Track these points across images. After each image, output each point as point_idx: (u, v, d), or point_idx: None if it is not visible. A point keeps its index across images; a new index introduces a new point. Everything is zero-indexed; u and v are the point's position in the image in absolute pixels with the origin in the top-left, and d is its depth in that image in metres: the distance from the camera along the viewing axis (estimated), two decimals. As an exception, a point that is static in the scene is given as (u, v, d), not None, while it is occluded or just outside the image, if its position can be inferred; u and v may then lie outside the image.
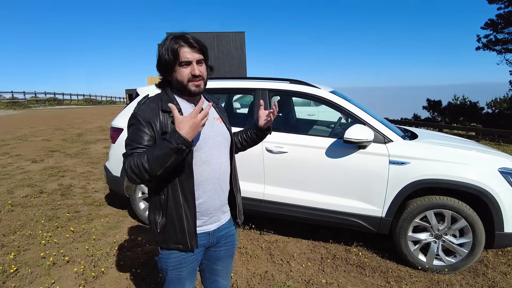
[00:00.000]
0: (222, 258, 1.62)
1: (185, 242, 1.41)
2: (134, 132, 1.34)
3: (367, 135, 2.79)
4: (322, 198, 3.09)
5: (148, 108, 1.36)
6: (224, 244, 1.60)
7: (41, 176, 5.75)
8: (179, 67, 1.36)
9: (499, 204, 2.65)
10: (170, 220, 1.40)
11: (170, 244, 1.43)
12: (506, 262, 3.09)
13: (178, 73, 1.36)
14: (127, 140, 1.36)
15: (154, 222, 1.44)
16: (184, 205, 1.38)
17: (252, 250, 3.23)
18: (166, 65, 1.37)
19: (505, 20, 18.85)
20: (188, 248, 1.42)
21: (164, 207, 1.40)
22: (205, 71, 1.43)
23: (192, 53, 1.35)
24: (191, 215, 1.40)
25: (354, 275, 2.87)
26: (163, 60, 1.36)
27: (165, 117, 1.35)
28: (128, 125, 1.39)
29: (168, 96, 1.41)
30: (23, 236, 3.44)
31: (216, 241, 1.55)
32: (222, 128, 1.51)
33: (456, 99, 21.02)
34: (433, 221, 2.84)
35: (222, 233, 1.56)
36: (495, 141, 10.30)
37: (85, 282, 2.67)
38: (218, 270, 1.64)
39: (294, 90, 3.32)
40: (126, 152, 1.34)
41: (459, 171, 2.73)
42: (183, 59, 1.34)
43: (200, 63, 1.39)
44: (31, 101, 26.23)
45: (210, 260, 1.61)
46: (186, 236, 1.40)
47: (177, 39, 1.35)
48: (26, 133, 10.78)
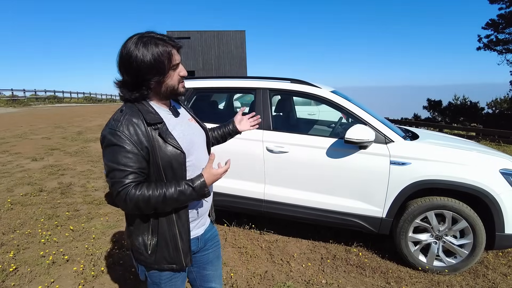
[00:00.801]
0: (211, 261, 1.57)
1: (180, 261, 1.33)
2: (119, 153, 1.18)
3: (368, 135, 2.78)
4: (323, 198, 3.09)
5: (130, 123, 1.20)
6: (211, 246, 1.55)
7: (41, 174, 5.74)
8: (171, 70, 1.25)
9: (499, 205, 2.65)
10: (162, 239, 1.30)
11: (162, 264, 1.34)
12: (506, 263, 3.09)
13: (171, 77, 1.26)
14: (111, 163, 1.19)
15: (143, 244, 1.31)
16: (177, 222, 1.30)
17: (252, 250, 3.23)
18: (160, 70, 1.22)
19: (506, 20, 18.84)
20: (183, 267, 1.35)
21: (155, 226, 1.30)
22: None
23: (177, 54, 1.28)
24: (185, 232, 1.33)
25: (354, 275, 2.87)
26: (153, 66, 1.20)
27: (150, 130, 1.22)
28: (107, 144, 1.20)
29: (145, 106, 1.27)
30: (22, 235, 3.43)
31: (203, 244, 1.50)
32: (198, 128, 1.46)
33: (457, 99, 21.02)
34: (433, 222, 2.84)
35: (208, 235, 1.52)
36: (495, 142, 10.30)
37: (84, 281, 2.66)
38: (209, 275, 1.57)
39: (295, 89, 3.31)
40: (116, 181, 1.18)
41: (460, 172, 2.72)
42: (175, 61, 1.25)
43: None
44: (31, 99, 26.21)
45: (200, 266, 1.54)
46: (181, 255, 1.33)
47: (165, 41, 1.23)
48: (26, 131, 10.76)
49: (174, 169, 1.26)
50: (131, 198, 1.17)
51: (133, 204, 1.18)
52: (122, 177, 1.17)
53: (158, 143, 1.22)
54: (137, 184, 1.19)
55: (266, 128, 3.23)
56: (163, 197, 1.19)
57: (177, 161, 1.26)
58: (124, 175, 1.18)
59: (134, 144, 1.19)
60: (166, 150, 1.23)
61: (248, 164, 3.24)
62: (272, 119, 3.27)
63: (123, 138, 1.18)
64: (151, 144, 1.21)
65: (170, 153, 1.24)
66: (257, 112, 3.28)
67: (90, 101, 33.50)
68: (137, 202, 1.18)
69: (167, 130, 1.26)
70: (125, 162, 1.18)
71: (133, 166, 1.18)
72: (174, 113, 1.36)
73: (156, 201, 1.19)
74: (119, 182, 1.18)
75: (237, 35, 36.02)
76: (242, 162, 3.22)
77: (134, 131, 1.20)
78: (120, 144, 1.18)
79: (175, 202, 1.23)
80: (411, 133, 3.44)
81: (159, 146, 1.23)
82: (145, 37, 1.21)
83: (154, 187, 1.20)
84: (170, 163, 1.24)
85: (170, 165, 1.25)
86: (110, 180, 1.20)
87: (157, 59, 1.20)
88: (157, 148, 1.22)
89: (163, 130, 1.24)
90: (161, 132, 1.23)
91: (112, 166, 1.19)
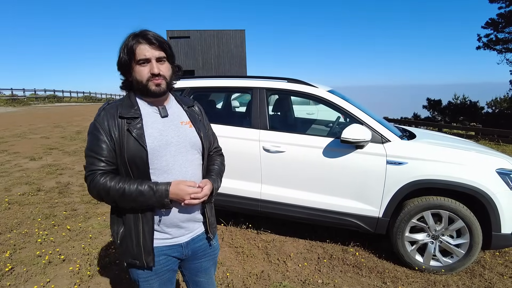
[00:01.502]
0: (204, 269, 1.54)
1: (141, 258, 1.32)
2: (93, 141, 1.28)
3: (365, 135, 2.77)
4: (319, 197, 3.08)
5: (107, 115, 1.29)
6: (204, 256, 1.51)
7: (39, 174, 5.74)
8: (137, 65, 1.27)
9: (496, 205, 2.64)
10: (128, 232, 1.32)
11: (127, 257, 1.35)
12: (503, 263, 3.08)
13: (137, 72, 1.28)
14: (86, 150, 1.30)
15: (116, 232, 1.36)
16: (142, 219, 1.30)
17: (248, 249, 3.22)
18: (123, 64, 1.29)
19: (506, 20, 18.81)
20: (144, 265, 1.33)
21: (124, 218, 1.33)
22: (168, 70, 1.33)
23: (150, 50, 1.26)
24: (148, 230, 1.31)
25: (351, 275, 2.86)
26: (120, 59, 1.29)
27: (122, 123, 1.27)
28: (88, 132, 1.33)
29: (130, 100, 1.33)
30: (19, 234, 3.43)
31: (192, 252, 1.46)
32: (190, 133, 1.40)
33: (456, 98, 21.01)
34: (430, 221, 2.83)
35: (198, 245, 1.47)
36: (495, 141, 10.29)
37: (80, 281, 2.66)
38: (202, 282, 1.56)
39: (292, 89, 3.30)
40: (86, 165, 1.29)
41: (456, 172, 2.72)
42: (140, 56, 1.26)
43: (160, 61, 1.30)
44: (31, 98, 26.22)
45: (192, 273, 1.54)
46: (142, 252, 1.32)
47: (136, 36, 1.27)
48: (25, 131, 10.77)
49: (137, 165, 1.28)
50: (94, 185, 1.25)
51: (96, 191, 1.26)
52: (91, 163, 1.27)
53: (126, 136, 1.27)
54: (104, 173, 1.26)
55: (263, 127, 3.22)
56: (122, 192, 1.23)
57: (140, 158, 1.27)
58: (93, 162, 1.26)
59: (106, 134, 1.27)
60: (130, 145, 1.26)
61: (245, 164, 3.23)
62: (269, 119, 3.26)
63: (98, 128, 1.28)
64: (120, 137, 1.27)
65: (134, 148, 1.26)
66: (254, 112, 3.28)
67: (90, 100, 33.51)
68: (99, 190, 1.25)
69: (138, 125, 1.28)
70: (96, 150, 1.27)
71: (103, 154, 1.26)
72: (161, 112, 1.36)
73: (115, 194, 1.24)
74: (88, 167, 1.28)
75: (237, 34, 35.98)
76: (239, 161, 3.22)
77: (107, 122, 1.28)
78: (95, 132, 1.28)
79: (133, 201, 1.25)
80: (408, 133, 3.44)
81: (127, 140, 1.26)
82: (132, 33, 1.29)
83: (118, 180, 1.25)
84: (133, 158, 1.27)
85: (134, 160, 1.27)
86: (85, 165, 1.31)
87: (120, 52, 1.29)
88: (125, 141, 1.26)
89: (133, 125, 1.28)
90: (131, 126, 1.27)
91: (86, 152, 1.30)
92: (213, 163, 1.52)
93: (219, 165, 1.54)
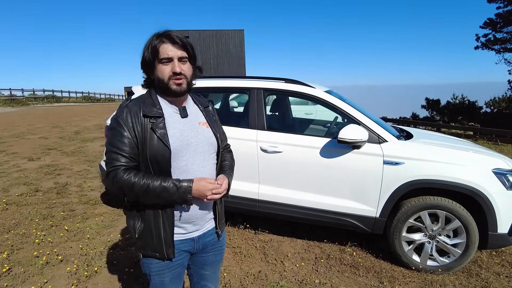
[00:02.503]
0: (210, 264, 1.60)
1: (162, 250, 1.38)
2: (116, 137, 1.30)
3: (361, 135, 2.78)
4: (317, 198, 3.09)
5: (131, 112, 1.32)
6: (212, 250, 1.57)
7: (37, 174, 5.74)
8: (159, 64, 1.32)
9: (492, 205, 2.65)
10: (147, 226, 1.37)
11: (147, 251, 1.40)
12: (499, 262, 3.09)
13: (159, 71, 1.32)
14: (108, 145, 1.33)
15: (133, 227, 1.40)
16: (162, 214, 1.36)
17: (246, 249, 3.23)
18: (146, 62, 1.34)
19: (504, 20, 18.84)
20: (165, 257, 1.39)
21: (143, 213, 1.37)
22: (190, 70, 1.37)
23: (174, 49, 1.31)
24: (169, 224, 1.37)
25: (348, 275, 2.87)
26: (144, 57, 1.33)
27: (146, 121, 1.31)
28: (109, 127, 1.37)
29: (151, 98, 1.37)
30: (17, 235, 3.43)
31: (202, 247, 1.52)
32: (208, 133, 1.45)
33: (455, 98, 21.03)
34: (427, 221, 2.84)
35: (209, 239, 1.53)
36: (493, 141, 10.30)
37: (78, 282, 2.66)
38: (206, 275, 1.62)
39: (289, 89, 3.30)
40: (109, 161, 1.30)
41: (453, 172, 2.73)
42: (163, 55, 1.30)
43: (182, 60, 1.34)
44: (30, 99, 26.18)
45: (198, 266, 1.59)
46: (163, 244, 1.37)
47: (160, 36, 1.32)
48: (24, 131, 10.75)
49: (159, 164, 1.31)
50: (118, 180, 1.27)
51: (118, 186, 1.29)
52: (114, 159, 1.29)
53: (149, 135, 1.30)
54: (127, 168, 1.29)
55: (260, 128, 3.22)
56: (146, 188, 1.27)
57: (162, 157, 1.30)
58: (116, 158, 1.29)
59: (129, 131, 1.29)
60: (154, 143, 1.30)
61: (242, 164, 3.22)
62: (266, 119, 3.26)
63: (121, 124, 1.30)
64: (143, 134, 1.30)
65: (157, 146, 1.30)
66: (252, 112, 3.28)
67: (89, 100, 33.48)
68: (122, 186, 1.28)
69: (161, 125, 1.32)
70: (119, 146, 1.29)
71: (125, 150, 1.29)
72: (182, 112, 1.41)
73: (139, 190, 1.27)
74: (110, 163, 1.29)
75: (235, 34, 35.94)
76: (236, 162, 3.20)
77: (131, 119, 1.30)
78: (118, 129, 1.30)
79: (157, 196, 1.28)
80: (406, 133, 3.44)
81: (150, 138, 1.30)
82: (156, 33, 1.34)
83: (141, 176, 1.28)
84: (156, 157, 1.30)
85: (156, 159, 1.30)
86: (106, 160, 1.32)
87: (144, 51, 1.33)
88: (148, 139, 1.30)
89: (157, 124, 1.31)
90: (154, 125, 1.31)
91: (108, 148, 1.32)
92: (224, 159, 1.58)
93: (229, 160, 1.61)
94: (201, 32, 35.13)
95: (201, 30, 35.12)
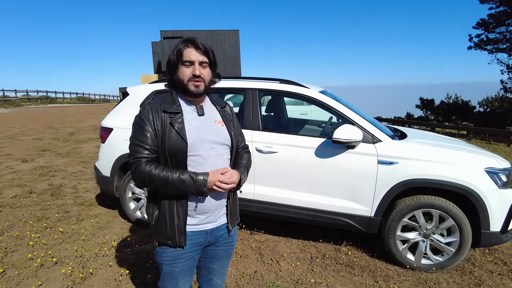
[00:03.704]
0: (219, 258, 1.66)
1: (174, 238, 1.46)
2: (138, 131, 1.43)
3: (356, 135, 2.80)
4: (312, 198, 3.10)
5: (152, 109, 1.45)
6: (222, 244, 1.63)
7: (31, 176, 5.69)
8: (182, 66, 1.43)
9: (485, 204, 2.69)
10: (162, 214, 1.47)
11: (160, 238, 1.49)
12: (492, 260, 3.13)
13: (180, 72, 1.44)
14: (131, 139, 1.45)
15: (151, 214, 1.51)
16: (177, 204, 1.45)
17: (242, 250, 3.23)
18: (172, 64, 1.45)
19: (497, 20, 19.06)
20: (176, 244, 1.47)
21: (159, 202, 1.48)
22: (209, 75, 1.48)
23: (196, 54, 1.42)
24: (182, 212, 1.45)
25: (343, 274, 2.89)
26: (170, 59, 1.46)
27: (165, 117, 1.43)
28: (133, 123, 1.48)
29: (172, 97, 1.49)
30: (10, 237, 3.40)
31: (214, 240, 1.59)
32: (223, 131, 1.54)
33: (449, 98, 21.22)
34: (421, 220, 2.87)
35: (221, 233, 1.60)
36: (486, 140, 10.42)
37: (72, 284, 2.65)
38: (214, 269, 1.68)
39: (284, 90, 3.32)
40: (131, 153, 1.43)
41: (446, 171, 2.76)
42: (186, 58, 1.42)
43: (203, 65, 1.44)
44: (23, 99, 25.95)
45: (207, 258, 1.65)
46: (175, 232, 1.46)
47: (185, 41, 1.44)
48: (17, 132, 10.66)
49: (177, 156, 1.42)
50: (140, 171, 1.39)
51: (140, 178, 1.40)
52: (136, 151, 1.42)
53: (168, 129, 1.41)
54: (149, 161, 1.41)
55: (256, 128, 3.23)
56: (165, 180, 1.37)
57: (180, 149, 1.41)
58: (138, 150, 1.41)
59: (151, 125, 1.42)
60: (172, 137, 1.41)
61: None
62: (261, 120, 3.27)
63: (143, 119, 1.43)
64: (163, 128, 1.41)
65: (175, 139, 1.41)
66: (247, 112, 3.29)
67: (83, 101, 33.26)
68: (143, 177, 1.39)
69: (179, 120, 1.43)
70: (141, 139, 1.42)
71: (147, 143, 1.41)
72: (198, 111, 1.51)
73: (159, 181, 1.38)
74: (133, 155, 1.42)
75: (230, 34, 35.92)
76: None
77: (153, 115, 1.43)
78: (141, 123, 1.43)
79: (175, 188, 1.39)
80: (400, 133, 3.47)
81: (169, 132, 1.41)
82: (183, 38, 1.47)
83: (161, 169, 1.39)
84: (174, 149, 1.41)
85: (174, 151, 1.41)
86: (129, 152, 1.44)
87: (171, 54, 1.46)
88: (167, 133, 1.41)
89: (175, 119, 1.43)
90: (173, 120, 1.42)
91: (131, 141, 1.45)
92: (240, 158, 1.66)
93: (246, 160, 1.68)
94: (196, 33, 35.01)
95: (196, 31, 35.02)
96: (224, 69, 35.71)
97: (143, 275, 2.75)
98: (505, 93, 19.84)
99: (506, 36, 19.19)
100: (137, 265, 2.91)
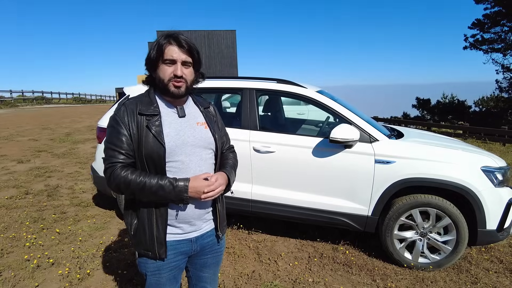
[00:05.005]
0: (209, 266, 1.59)
1: (153, 249, 1.37)
2: (113, 134, 1.32)
3: (353, 135, 2.81)
4: (309, 197, 3.11)
5: (127, 110, 1.34)
6: (210, 252, 1.55)
7: (27, 177, 5.65)
8: (162, 64, 1.33)
9: (481, 202, 2.71)
10: (141, 224, 1.38)
11: (140, 249, 1.40)
12: (489, 258, 3.15)
13: (161, 70, 1.33)
14: (106, 142, 1.35)
15: (129, 224, 1.41)
16: (156, 212, 1.35)
17: (239, 249, 3.23)
18: (151, 60, 1.35)
19: (492, 20, 19.18)
20: (156, 256, 1.38)
21: (138, 210, 1.38)
22: (191, 75, 1.38)
23: (179, 52, 1.31)
24: (162, 221, 1.36)
25: (341, 273, 2.89)
26: (150, 55, 1.35)
27: (142, 119, 1.33)
28: (107, 126, 1.38)
29: (149, 97, 1.38)
30: (6, 239, 3.38)
31: (200, 248, 1.50)
32: (206, 134, 1.44)
33: (445, 97, 21.35)
34: (418, 219, 2.88)
35: (207, 240, 1.51)
36: (482, 139, 10.49)
37: (69, 285, 2.63)
38: (205, 277, 1.60)
39: (281, 89, 3.32)
40: (106, 158, 1.33)
41: (443, 170, 2.77)
42: (167, 56, 1.31)
43: (186, 65, 1.34)
44: (18, 100, 25.76)
45: (197, 268, 1.58)
46: (155, 243, 1.36)
47: (168, 36, 1.33)
48: (13, 133, 10.58)
49: (154, 161, 1.32)
50: (115, 177, 1.29)
51: (115, 183, 1.30)
52: (111, 156, 1.31)
53: (145, 132, 1.31)
54: (124, 166, 1.30)
55: (253, 128, 3.23)
56: (142, 185, 1.27)
57: (157, 154, 1.31)
58: (113, 154, 1.31)
59: (126, 129, 1.31)
60: (149, 141, 1.31)
61: (235, 164, 3.24)
62: (259, 119, 3.27)
63: (118, 122, 1.32)
64: (139, 132, 1.31)
65: (152, 144, 1.31)
66: (244, 112, 3.29)
67: (79, 101, 33.09)
68: (119, 183, 1.29)
69: (156, 123, 1.33)
70: (116, 143, 1.31)
71: (123, 147, 1.31)
72: (179, 112, 1.41)
73: (136, 187, 1.28)
74: (108, 159, 1.32)
75: (227, 35, 35.90)
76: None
77: (128, 117, 1.32)
78: (116, 126, 1.33)
79: (153, 194, 1.29)
80: (397, 132, 3.49)
81: (146, 136, 1.31)
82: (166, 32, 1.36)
83: (138, 174, 1.29)
84: (151, 154, 1.31)
85: (151, 156, 1.31)
86: (104, 157, 1.34)
87: (151, 49, 1.34)
88: (143, 137, 1.31)
89: (152, 122, 1.32)
90: (150, 123, 1.32)
91: (106, 145, 1.34)
92: (226, 159, 1.56)
93: (232, 159, 1.58)
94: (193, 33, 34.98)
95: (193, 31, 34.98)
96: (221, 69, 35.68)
97: (140, 276, 2.73)
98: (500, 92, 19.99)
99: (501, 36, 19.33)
100: (135, 265, 2.90)
